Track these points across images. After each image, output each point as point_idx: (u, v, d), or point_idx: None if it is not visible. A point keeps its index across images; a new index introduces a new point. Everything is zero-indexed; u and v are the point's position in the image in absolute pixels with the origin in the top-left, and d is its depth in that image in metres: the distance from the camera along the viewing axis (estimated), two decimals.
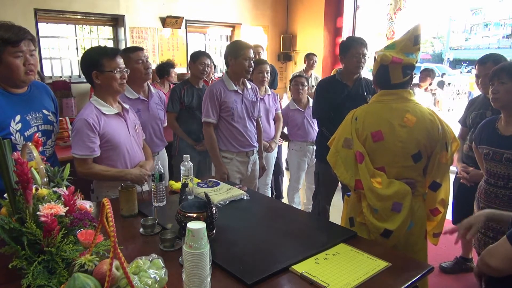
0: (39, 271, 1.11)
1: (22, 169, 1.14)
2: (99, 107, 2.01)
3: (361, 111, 1.87)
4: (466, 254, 2.92)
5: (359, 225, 1.89)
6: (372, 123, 1.81)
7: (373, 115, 1.83)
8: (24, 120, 1.80)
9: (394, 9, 6.42)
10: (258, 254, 1.45)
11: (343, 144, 1.85)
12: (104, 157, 2.02)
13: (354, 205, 1.92)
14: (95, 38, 5.83)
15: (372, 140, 1.80)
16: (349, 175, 1.83)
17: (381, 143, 1.79)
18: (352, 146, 1.82)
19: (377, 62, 1.87)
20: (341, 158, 1.85)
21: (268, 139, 3.48)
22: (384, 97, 1.85)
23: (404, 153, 1.79)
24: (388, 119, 1.79)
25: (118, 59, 2.02)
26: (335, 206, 3.32)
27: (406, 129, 1.77)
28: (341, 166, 1.85)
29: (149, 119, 2.70)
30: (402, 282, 1.30)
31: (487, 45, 20.64)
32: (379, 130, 1.79)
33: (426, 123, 1.79)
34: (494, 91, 1.95)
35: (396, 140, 1.77)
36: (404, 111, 1.79)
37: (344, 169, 1.84)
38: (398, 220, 1.76)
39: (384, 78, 1.84)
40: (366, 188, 1.78)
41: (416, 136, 1.77)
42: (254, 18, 7.09)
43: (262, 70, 3.36)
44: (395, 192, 1.76)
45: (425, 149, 1.80)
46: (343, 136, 1.86)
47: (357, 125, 1.83)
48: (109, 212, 0.96)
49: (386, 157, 1.80)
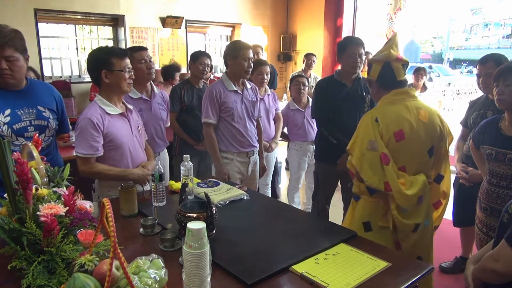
0: (39, 271, 1.11)
1: (22, 169, 1.14)
2: (103, 107, 2.02)
3: (379, 112, 1.86)
4: (466, 254, 2.92)
5: (378, 230, 1.88)
6: (393, 123, 1.83)
7: (393, 115, 1.84)
8: (14, 114, 1.91)
9: (394, 9, 6.42)
10: (258, 254, 1.45)
11: (368, 146, 1.83)
12: (106, 157, 2.02)
13: (373, 209, 1.90)
14: (95, 38, 5.83)
15: (395, 140, 1.81)
16: (377, 178, 1.81)
17: (402, 142, 1.82)
18: (377, 148, 1.80)
19: (378, 63, 1.90)
20: (367, 161, 1.82)
21: (268, 139, 3.48)
22: (396, 97, 1.88)
23: (422, 150, 1.86)
24: (407, 117, 1.83)
25: (127, 59, 2.05)
26: (335, 206, 3.32)
27: (423, 125, 1.84)
28: (368, 170, 1.82)
29: (151, 119, 2.70)
30: (402, 282, 1.29)
31: (487, 45, 20.64)
32: (400, 130, 1.82)
33: (435, 117, 1.89)
34: (500, 92, 1.93)
35: (416, 138, 1.83)
36: (417, 108, 1.86)
37: (372, 173, 1.81)
38: (422, 211, 1.86)
39: (389, 76, 1.89)
40: (394, 190, 1.78)
41: (431, 131, 1.86)
42: (254, 18, 7.09)
43: (262, 72, 3.35)
44: (419, 189, 1.82)
45: (436, 143, 1.88)
46: (366, 138, 1.84)
47: (380, 126, 1.82)
48: (109, 212, 0.96)
49: (407, 156, 1.83)
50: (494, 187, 2.05)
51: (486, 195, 2.10)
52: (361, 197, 1.98)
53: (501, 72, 1.94)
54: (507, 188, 2.00)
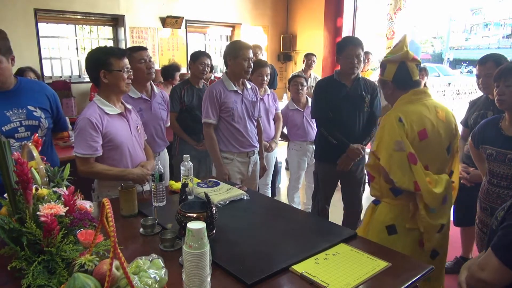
0: (39, 271, 1.11)
1: (22, 169, 1.14)
2: (102, 107, 2.02)
3: (402, 112, 1.84)
4: (466, 254, 2.92)
5: (406, 232, 1.86)
6: (417, 122, 1.83)
7: (415, 114, 1.84)
8: (2, 115, 1.91)
9: (394, 9, 6.42)
10: (258, 254, 1.45)
11: (395, 147, 1.81)
12: (105, 157, 2.03)
13: (399, 212, 1.88)
14: (95, 38, 5.83)
15: (418, 139, 1.82)
16: (407, 178, 1.79)
17: (425, 142, 1.83)
18: (405, 148, 1.79)
19: (393, 64, 1.90)
20: (396, 162, 1.80)
21: (268, 139, 3.48)
22: (415, 96, 1.89)
23: (442, 148, 1.88)
24: (428, 116, 1.85)
25: (125, 59, 2.05)
26: (335, 206, 3.32)
27: (442, 124, 1.87)
28: (397, 171, 1.79)
29: (151, 119, 2.70)
30: (402, 282, 1.29)
31: (487, 45, 20.61)
32: (424, 129, 1.83)
33: (451, 116, 1.93)
34: (500, 93, 1.93)
35: (436, 136, 1.85)
36: (435, 107, 1.89)
37: (401, 174, 1.79)
38: (447, 211, 1.89)
39: (406, 76, 1.89)
40: (423, 189, 1.78)
41: (449, 130, 1.89)
42: (254, 18, 7.09)
43: (262, 73, 3.34)
44: (445, 188, 1.84)
45: (452, 141, 1.93)
46: (392, 139, 1.81)
47: (405, 126, 1.81)
48: (109, 212, 0.96)
49: (429, 155, 1.84)
50: (494, 187, 2.05)
51: (486, 195, 2.10)
52: (382, 200, 1.95)
53: (501, 73, 1.93)
54: (508, 188, 2.00)
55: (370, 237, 1.91)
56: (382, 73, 1.98)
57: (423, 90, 1.91)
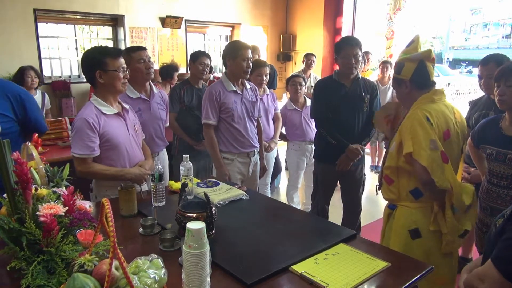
0: (38, 271, 1.11)
1: (22, 169, 1.14)
2: (99, 107, 2.02)
3: (428, 111, 1.81)
4: (466, 254, 2.92)
5: (431, 234, 1.84)
6: (442, 122, 1.83)
7: (439, 114, 1.83)
8: None
9: (394, 9, 6.43)
10: (258, 254, 1.45)
11: (431, 146, 1.77)
12: (103, 157, 2.02)
13: (421, 215, 1.85)
14: (95, 38, 5.83)
15: (443, 139, 1.82)
16: (444, 177, 1.77)
17: (448, 142, 1.84)
18: (438, 147, 1.77)
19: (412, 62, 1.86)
20: (435, 162, 1.76)
21: (267, 139, 3.48)
22: (436, 96, 1.88)
23: (459, 148, 1.91)
24: (450, 117, 1.86)
25: (121, 59, 2.04)
26: (334, 206, 3.32)
27: (460, 124, 1.90)
28: (437, 171, 1.75)
29: (150, 119, 2.69)
30: (402, 282, 1.29)
31: (487, 45, 20.61)
32: (448, 129, 1.84)
33: (463, 117, 1.96)
34: (501, 93, 1.92)
35: (456, 137, 1.87)
36: (452, 107, 1.92)
37: (441, 173, 1.76)
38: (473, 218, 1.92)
39: (425, 75, 1.88)
40: (455, 185, 1.78)
41: (463, 131, 1.92)
42: (254, 18, 7.09)
43: (261, 73, 3.33)
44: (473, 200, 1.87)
45: (465, 141, 1.97)
46: (427, 138, 1.77)
47: (433, 125, 1.80)
48: (108, 212, 0.96)
49: (451, 154, 1.84)
50: (494, 187, 2.05)
51: (486, 195, 2.10)
52: (399, 204, 1.93)
53: (502, 73, 1.93)
54: (508, 188, 2.00)
55: (392, 244, 1.89)
56: (398, 71, 1.92)
57: (442, 90, 1.91)
